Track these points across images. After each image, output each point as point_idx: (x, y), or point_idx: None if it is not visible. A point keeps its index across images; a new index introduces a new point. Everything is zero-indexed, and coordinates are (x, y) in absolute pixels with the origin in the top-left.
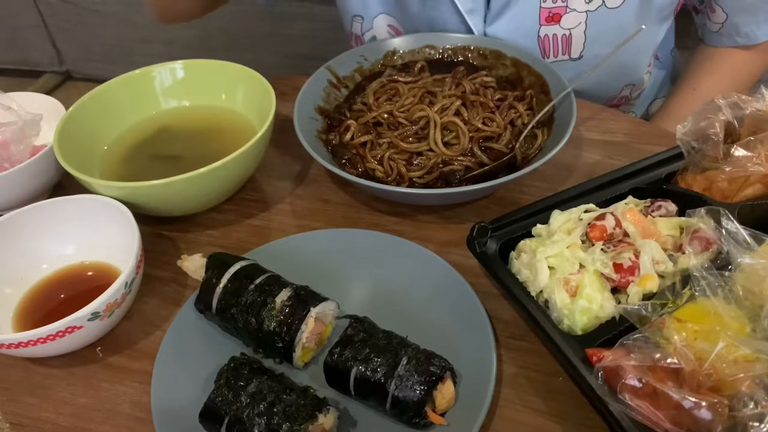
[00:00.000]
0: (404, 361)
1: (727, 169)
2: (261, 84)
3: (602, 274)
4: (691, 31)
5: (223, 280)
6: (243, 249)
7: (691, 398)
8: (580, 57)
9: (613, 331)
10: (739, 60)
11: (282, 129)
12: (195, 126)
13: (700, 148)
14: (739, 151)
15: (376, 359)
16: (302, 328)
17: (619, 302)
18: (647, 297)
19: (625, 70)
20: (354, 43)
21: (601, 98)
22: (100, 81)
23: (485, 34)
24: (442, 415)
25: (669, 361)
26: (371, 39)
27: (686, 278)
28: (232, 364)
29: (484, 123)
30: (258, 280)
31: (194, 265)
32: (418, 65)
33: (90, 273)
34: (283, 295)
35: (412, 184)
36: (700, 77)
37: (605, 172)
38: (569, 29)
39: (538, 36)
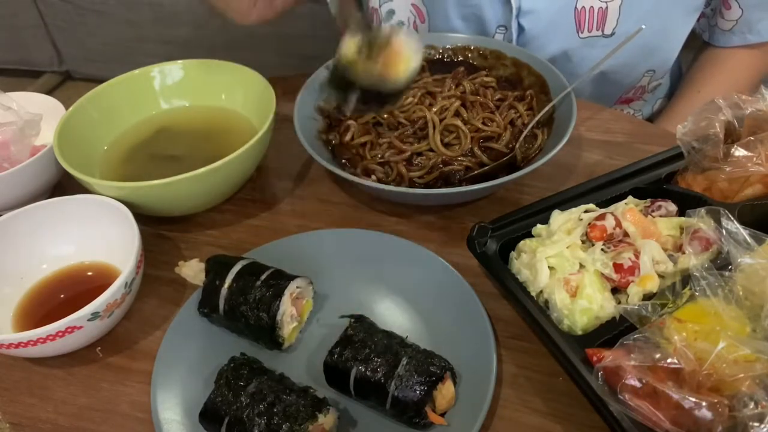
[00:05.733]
0: (404, 361)
1: (727, 169)
2: (261, 84)
3: (602, 274)
4: (694, 31)
5: (228, 280)
6: (243, 249)
7: (691, 398)
8: (613, 33)
9: (613, 331)
10: (744, 60)
11: (282, 129)
12: (195, 126)
13: (700, 148)
14: (739, 151)
15: (376, 359)
16: None
17: (619, 302)
18: (647, 297)
19: (651, 50)
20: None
21: (622, 84)
22: (100, 81)
23: (520, 8)
24: (442, 415)
25: (669, 361)
26: (389, 12)
27: (686, 278)
28: (232, 365)
29: (484, 123)
30: (263, 276)
31: (192, 270)
32: None
33: (90, 273)
34: (292, 287)
35: (412, 184)
36: (705, 79)
37: (605, 172)
38: (606, 2)
39: (575, 8)
